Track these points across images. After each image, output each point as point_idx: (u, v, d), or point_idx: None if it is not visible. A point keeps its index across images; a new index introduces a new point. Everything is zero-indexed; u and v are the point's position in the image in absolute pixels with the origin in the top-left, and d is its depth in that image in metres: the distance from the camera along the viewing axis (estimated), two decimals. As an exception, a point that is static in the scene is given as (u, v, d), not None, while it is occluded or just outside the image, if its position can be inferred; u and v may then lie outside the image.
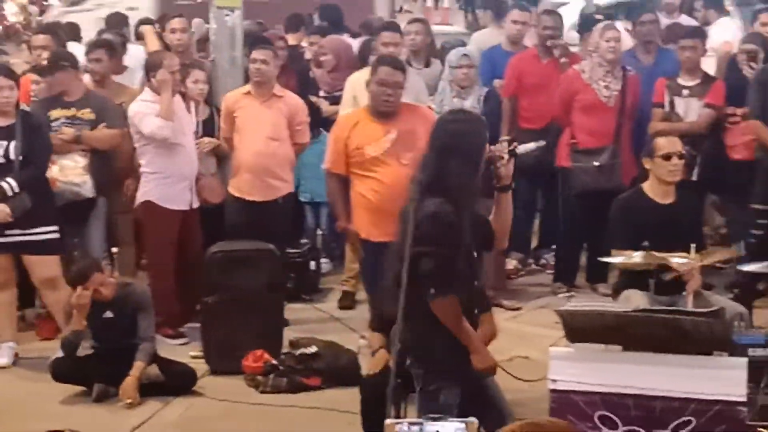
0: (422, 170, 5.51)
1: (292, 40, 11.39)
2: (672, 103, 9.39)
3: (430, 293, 5.34)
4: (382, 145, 7.36)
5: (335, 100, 9.84)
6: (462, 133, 5.53)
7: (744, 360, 5.48)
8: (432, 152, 5.53)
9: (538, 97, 9.71)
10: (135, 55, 10.33)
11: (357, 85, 9.22)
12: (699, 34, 9.73)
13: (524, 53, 10.09)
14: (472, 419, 3.46)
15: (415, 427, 3.40)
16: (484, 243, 5.68)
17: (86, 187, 8.60)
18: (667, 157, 7.18)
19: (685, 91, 9.34)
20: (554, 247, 10.16)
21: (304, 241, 10.02)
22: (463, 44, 10.74)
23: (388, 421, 3.50)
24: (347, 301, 9.46)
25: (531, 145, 6.09)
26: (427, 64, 10.07)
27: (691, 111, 9.36)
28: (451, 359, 5.44)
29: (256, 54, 8.90)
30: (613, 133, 9.25)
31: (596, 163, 9.18)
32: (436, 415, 3.47)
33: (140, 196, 8.65)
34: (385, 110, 7.38)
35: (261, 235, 8.47)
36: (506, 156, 5.56)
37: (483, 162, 5.51)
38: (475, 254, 5.53)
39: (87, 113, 8.71)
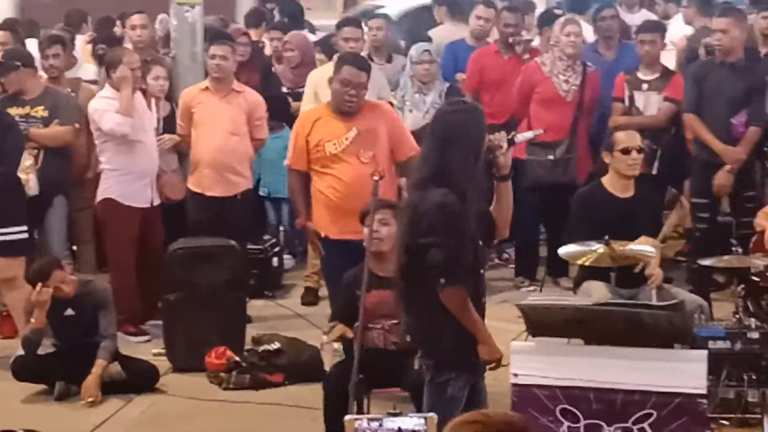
0: (424, 163, 5.51)
1: (253, 35, 11.35)
2: (632, 98, 9.43)
3: (440, 283, 5.33)
4: (342, 143, 7.35)
5: (298, 97, 9.82)
6: (461, 123, 5.51)
7: (704, 353, 5.52)
8: (432, 144, 5.51)
9: (500, 92, 9.72)
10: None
11: (318, 81, 9.24)
12: (658, 28, 9.78)
13: (485, 49, 10.11)
14: (432, 414, 3.46)
15: (375, 423, 3.39)
16: (486, 234, 5.70)
17: (30, 185, 8.50)
18: (627, 152, 7.22)
19: (645, 85, 9.38)
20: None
21: (266, 237, 9.99)
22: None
23: (347, 418, 3.50)
24: (310, 297, 9.45)
25: (529, 133, 6.13)
26: (389, 60, 10.08)
27: (651, 105, 9.39)
28: (461, 350, 5.40)
29: (215, 50, 8.87)
30: (570, 127, 9.28)
31: (551, 157, 9.22)
32: (395, 411, 3.47)
33: (100, 194, 8.61)
34: (346, 110, 7.37)
35: (222, 231, 8.45)
36: (505, 145, 5.57)
37: (483, 151, 5.51)
38: (480, 243, 5.54)
39: (40, 111, 8.66)
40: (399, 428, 3.43)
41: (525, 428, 3.23)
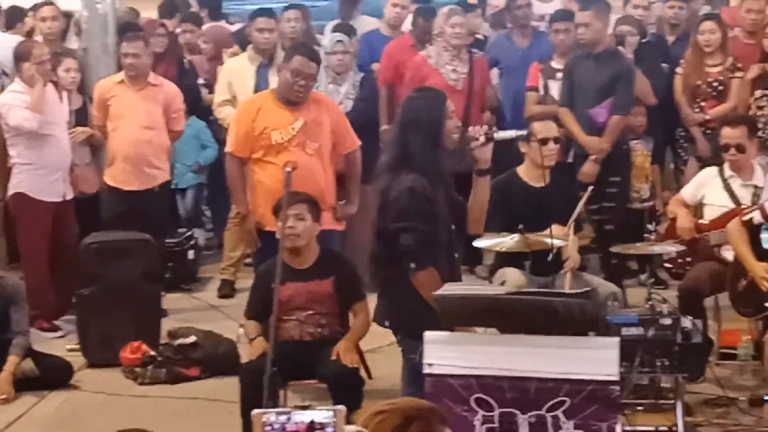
0: (388, 146, 5.71)
1: (168, 26, 11.25)
2: (546, 87, 9.48)
3: (411, 268, 5.52)
4: (289, 132, 7.29)
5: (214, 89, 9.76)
6: (418, 107, 5.73)
7: (616, 340, 5.54)
8: (395, 128, 5.79)
9: (414, 86, 9.62)
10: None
11: (233, 71, 9.19)
12: (572, 17, 9.83)
13: (400, 41, 10.01)
14: (341, 407, 3.45)
15: (283, 417, 3.37)
16: (459, 224, 5.81)
17: None
18: (544, 142, 7.25)
19: (559, 74, 9.42)
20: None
21: (181, 230, 9.93)
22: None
23: (254, 412, 3.47)
24: (226, 290, 9.40)
25: (510, 132, 6.15)
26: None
27: None
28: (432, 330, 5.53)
29: (127, 47, 8.79)
30: (462, 115, 9.28)
31: None
32: (305, 405, 3.45)
33: (11, 188, 8.51)
34: (295, 100, 7.30)
35: (139, 224, 8.38)
36: (481, 139, 5.65)
37: (442, 136, 5.68)
38: (452, 226, 5.70)
39: None
40: (312, 421, 3.41)
41: (430, 413, 3.25)
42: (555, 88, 9.44)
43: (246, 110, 7.49)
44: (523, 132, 6.61)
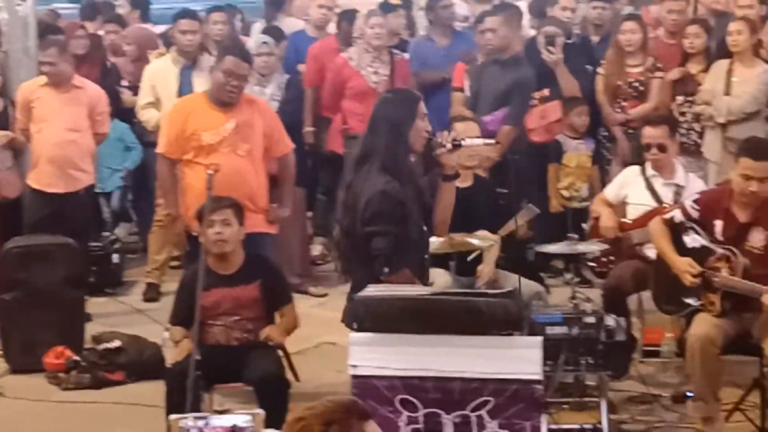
0: (359, 144, 5.80)
1: (90, 28, 11.16)
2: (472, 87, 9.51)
3: (383, 272, 5.60)
4: (220, 133, 7.23)
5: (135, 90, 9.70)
6: (389, 108, 5.83)
7: (539, 339, 5.56)
8: (366, 127, 5.88)
9: (336, 87, 9.56)
10: None
11: (156, 73, 9.13)
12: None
13: (324, 43, 9.99)
14: (260, 411, 3.44)
15: (201, 422, 3.36)
16: (427, 226, 5.90)
17: None
18: (466, 143, 7.25)
19: (485, 75, 9.48)
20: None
21: (105, 233, 9.85)
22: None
23: (172, 417, 3.45)
24: (151, 294, 9.34)
25: (478, 141, 6.20)
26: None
27: None
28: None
29: (44, 57, 8.72)
30: None
31: None
32: (222, 409, 3.44)
33: (-68, 192, 8.39)
34: (228, 101, 7.25)
35: (62, 228, 8.30)
36: (448, 146, 5.68)
37: (409, 137, 5.74)
38: (424, 227, 5.80)
39: None
40: (234, 426, 3.40)
41: (351, 410, 3.27)
42: None
43: (178, 111, 7.45)
44: (492, 141, 6.62)
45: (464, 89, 9.50)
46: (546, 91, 9.34)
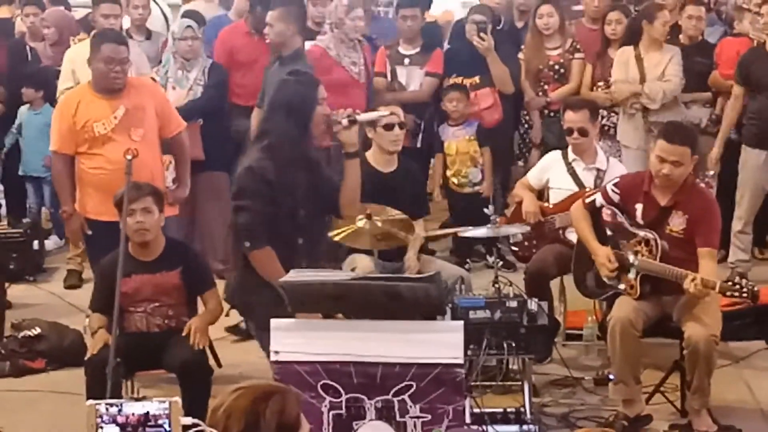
0: (257, 125, 5.79)
1: (4, 12, 10.98)
2: (393, 72, 9.51)
3: (245, 246, 5.61)
4: (111, 122, 7.17)
5: (58, 75, 9.52)
6: (291, 91, 5.77)
7: (460, 323, 5.58)
8: (265, 109, 5.89)
9: (250, 73, 9.42)
10: None
11: (76, 58, 8.99)
12: (419, 2, 9.86)
13: (234, 27, 9.86)
14: (176, 399, 3.41)
15: (114, 408, 3.33)
16: (330, 208, 5.89)
17: None
18: (389, 127, 7.25)
19: (407, 60, 9.48)
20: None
21: (26, 219, 9.73)
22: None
23: (88, 403, 3.42)
24: (73, 280, 9.23)
25: (373, 114, 6.13)
26: (148, 37, 9.89)
27: (413, 79, 9.50)
28: (274, 312, 5.55)
29: None
30: (366, 108, 9.27)
31: None
32: (139, 396, 3.41)
33: None
34: (114, 87, 7.19)
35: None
36: (344, 122, 5.65)
37: (311, 122, 5.71)
38: (302, 212, 5.71)
39: None
40: (147, 413, 3.37)
41: (287, 390, 3.27)
42: (403, 74, 9.48)
43: (65, 106, 7.36)
44: (386, 112, 6.60)
45: (386, 74, 9.50)
46: (476, 78, 9.33)
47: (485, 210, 6.92)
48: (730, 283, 6.13)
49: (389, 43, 9.61)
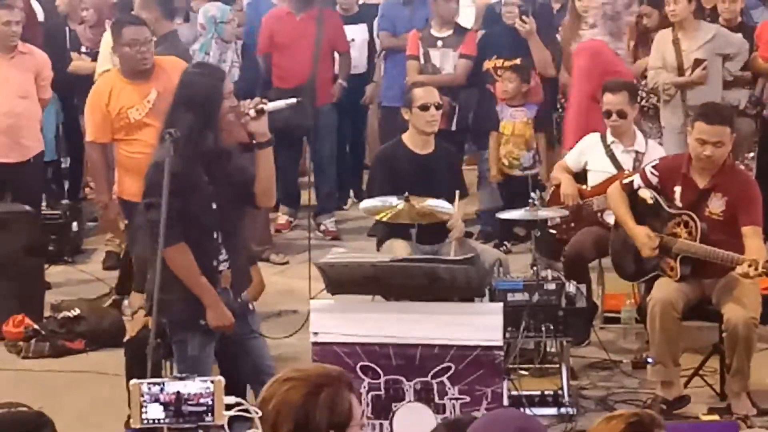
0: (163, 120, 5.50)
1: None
2: (427, 55, 9.51)
3: (158, 242, 5.31)
4: (145, 106, 7.19)
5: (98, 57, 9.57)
6: (193, 84, 5.56)
7: (499, 305, 5.60)
8: (171, 103, 5.56)
9: (290, 55, 9.49)
10: None
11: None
12: None
13: (276, 12, 9.88)
14: (219, 378, 3.42)
15: (156, 387, 3.34)
16: (246, 198, 5.63)
17: None
18: (425, 108, 7.23)
19: (440, 42, 9.48)
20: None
21: (64, 201, 9.78)
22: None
23: (132, 382, 3.44)
24: (111, 262, 9.26)
25: (281, 103, 6.00)
26: (186, 19, 9.92)
27: (447, 62, 9.49)
28: (190, 311, 5.44)
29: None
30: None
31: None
32: (183, 375, 3.42)
33: None
34: (142, 69, 7.20)
35: (17, 196, 8.22)
36: (252, 113, 5.51)
37: (218, 116, 5.47)
38: (214, 205, 5.48)
39: None
40: (191, 392, 3.38)
41: (338, 379, 3.23)
42: (437, 57, 9.47)
43: (97, 95, 7.36)
44: (293, 100, 6.40)
45: (419, 57, 9.50)
46: (518, 61, 9.30)
47: (532, 194, 6.89)
48: None
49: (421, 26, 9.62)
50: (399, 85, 9.47)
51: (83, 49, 10.25)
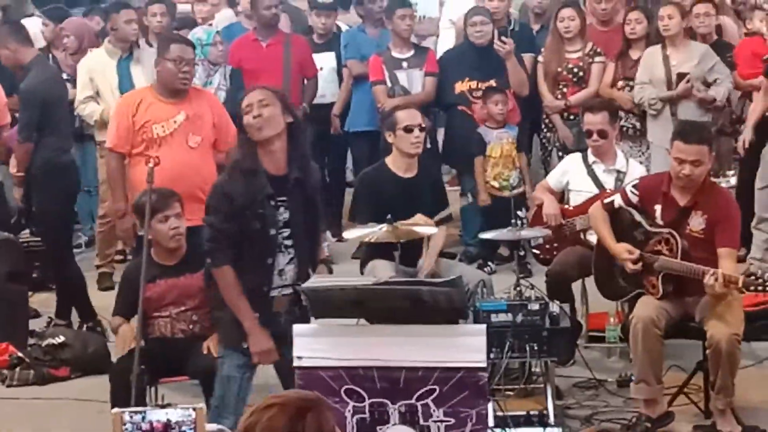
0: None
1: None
2: (394, 77, 9.55)
3: (208, 262, 5.61)
4: (171, 125, 7.22)
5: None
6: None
7: (483, 327, 5.59)
8: None
9: (261, 81, 9.42)
10: None
11: (92, 66, 9.06)
12: (410, 4, 9.91)
13: (243, 38, 9.88)
14: (201, 405, 3.43)
15: (138, 416, 3.34)
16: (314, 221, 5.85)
17: None
18: (409, 130, 7.25)
19: (405, 63, 9.55)
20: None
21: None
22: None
23: (113, 411, 3.44)
24: (106, 282, 9.23)
25: None
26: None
27: (415, 82, 9.57)
28: (235, 331, 5.64)
29: None
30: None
31: None
32: (164, 404, 3.42)
33: None
34: (181, 88, 7.24)
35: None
36: None
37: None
38: (272, 231, 5.63)
39: None
40: (171, 420, 3.38)
41: (319, 402, 3.23)
42: (403, 78, 9.51)
43: (126, 105, 7.40)
44: None
45: (385, 81, 9.55)
46: (492, 82, 9.34)
47: (518, 213, 6.91)
48: (753, 278, 6.12)
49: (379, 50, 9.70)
50: (366, 110, 9.55)
51: (64, 75, 10.24)
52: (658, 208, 6.54)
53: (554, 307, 6.45)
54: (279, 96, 5.71)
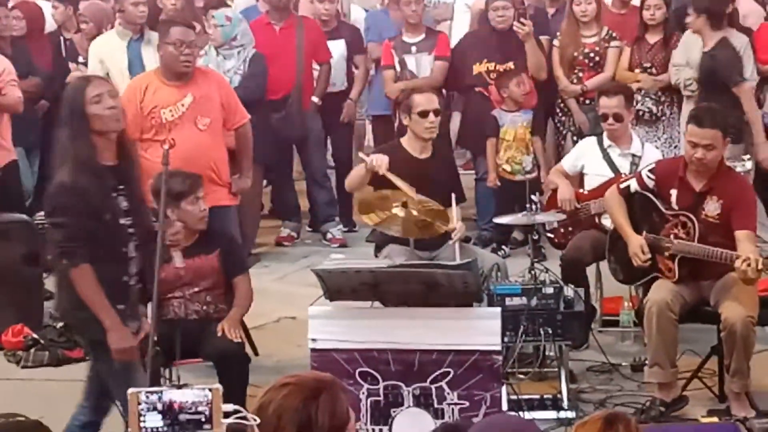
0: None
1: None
2: (402, 62, 9.54)
3: (63, 263, 5.31)
4: (178, 109, 7.22)
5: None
6: (65, 97, 5.50)
7: (497, 310, 5.60)
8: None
9: (275, 66, 9.29)
10: None
11: (102, 48, 9.04)
12: None
13: (257, 21, 9.78)
14: (217, 385, 3.43)
15: (154, 396, 3.35)
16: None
17: None
18: (424, 114, 7.24)
19: (414, 48, 9.51)
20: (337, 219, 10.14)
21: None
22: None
23: (130, 391, 3.44)
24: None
25: None
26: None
27: (423, 66, 9.54)
28: (100, 331, 5.39)
29: None
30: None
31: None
32: (181, 383, 3.44)
33: None
34: (184, 71, 7.22)
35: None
36: None
37: (91, 123, 5.40)
38: (122, 221, 5.46)
39: None
40: (188, 400, 3.39)
41: (333, 383, 3.27)
42: (412, 63, 9.49)
43: (132, 91, 7.37)
44: None
45: (394, 66, 9.55)
46: (511, 64, 9.31)
47: (533, 197, 6.89)
48: None
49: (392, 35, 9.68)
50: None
51: (80, 59, 10.24)
52: (673, 192, 6.52)
53: (569, 291, 6.46)
54: None
